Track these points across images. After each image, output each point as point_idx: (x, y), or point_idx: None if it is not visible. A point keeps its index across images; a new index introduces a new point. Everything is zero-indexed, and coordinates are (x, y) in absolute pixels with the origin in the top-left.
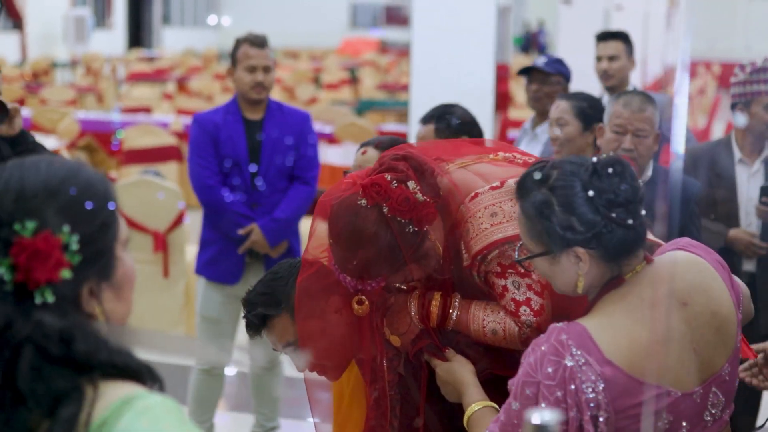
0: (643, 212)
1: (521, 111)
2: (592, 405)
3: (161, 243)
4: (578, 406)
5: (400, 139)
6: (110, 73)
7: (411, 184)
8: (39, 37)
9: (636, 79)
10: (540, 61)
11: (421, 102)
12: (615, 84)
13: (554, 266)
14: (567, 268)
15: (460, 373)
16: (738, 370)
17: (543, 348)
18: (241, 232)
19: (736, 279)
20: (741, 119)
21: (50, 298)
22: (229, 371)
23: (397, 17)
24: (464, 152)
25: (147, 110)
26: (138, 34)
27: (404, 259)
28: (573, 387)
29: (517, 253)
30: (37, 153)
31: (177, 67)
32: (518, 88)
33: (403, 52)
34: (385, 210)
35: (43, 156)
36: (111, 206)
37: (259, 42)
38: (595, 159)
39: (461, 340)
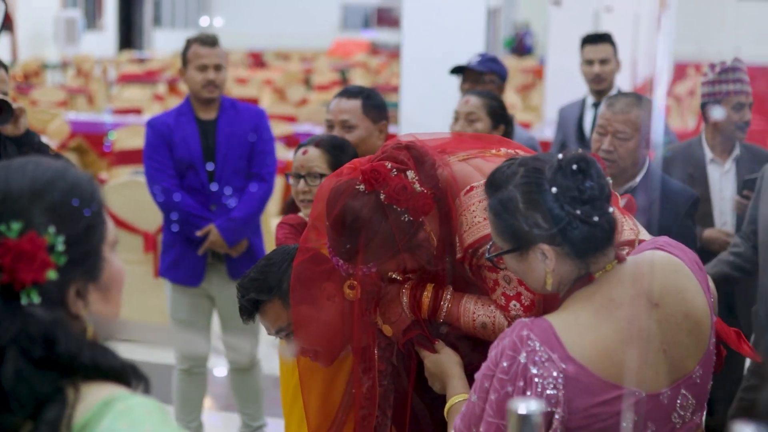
0: (611, 210)
1: (510, 111)
2: (553, 401)
3: (151, 243)
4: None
5: (339, 137)
6: (101, 74)
7: (410, 174)
8: (29, 39)
9: (626, 81)
10: (473, 59)
11: (411, 103)
12: (606, 87)
13: (522, 263)
14: (535, 265)
15: (447, 365)
16: (711, 374)
17: (504, 342)
18: (198, 233)
19: (710, 283)
20: (719, 113)
21: (36, 299)
22: (219, 372)
23: (388, 19)
24: (467, 146)
25: (138, 111)
26: (129, 36)
27: (398, 248)
28: (522, 384)
29: (487, 250)
30: (42, 153)
31: (168, 69)
32: (508, 89)
33: (394, 53)
34: (382, 197)
35: (31, 157)
36: (96, 207)
37: (209, 41)
38: (560, 156)
39: (451, 333)
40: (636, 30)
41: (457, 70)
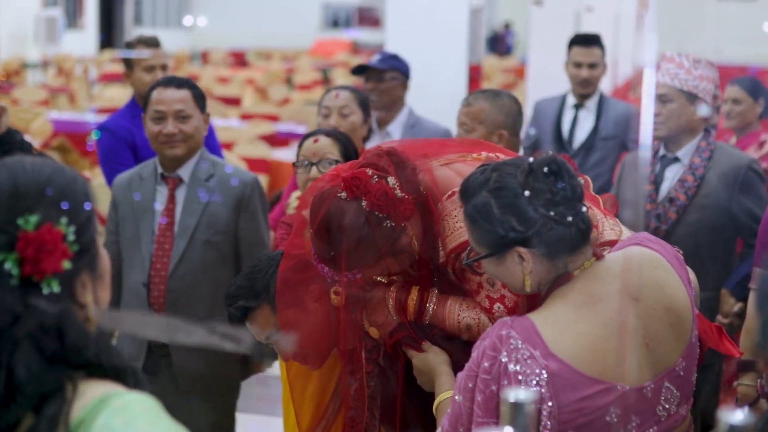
0: (584, 209)
1: None
2: (537, 398)
3: None
4: None
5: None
6: (82, 73)
7: (391, 180)
8: (10, 38)
9: (607, 81)
10: (374, 58)
11: None
12: (592, 91)
13: (500, 267)
14: (513, 268)
15: (435, 363)
16: (695, 366)
17: (485, 342)
18: None
19: (691, 277)
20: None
21: (56, 288)
22: None
23: (369, 18)
24: (449, 150)
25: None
26: (110, 35)
27: (381, 253)
28: (506, 382)
29: (465, 256)
30: (25, 152)
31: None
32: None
33: (375, 52)
34: (363, 204)
35: (21, 156)
36: (92, 200)
37: (154, 42)
38: (531, 159)
39: (437, 334)
40: (616, 29)
41: (358, 70)
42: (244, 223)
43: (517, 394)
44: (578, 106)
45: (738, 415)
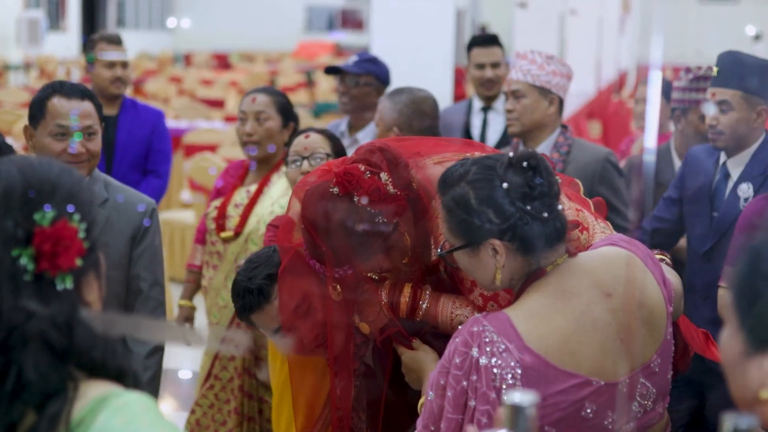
0: (560, 207)
1: None
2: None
3: None
4: (478, 398)
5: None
6: (65, 75)
7: (383, 176)
8: None
9: (590, 83)
10: (351, 60)
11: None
12: (497, 92)
13: (473, 259)
14: (485, 261)
15: (424, 362)
16: (670, 364)
17: (457, 339)
18: None
19: (670, 276)
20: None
21: (69, 284)
22: (183, 374)
23: (352, 21)
24: (442, 149)
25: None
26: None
27: (372, 249)
28: (475, 377)
29: (440, 248)
30: (5, 154)
31: (132, 70)
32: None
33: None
34: (356, 199)
35: (20, 155)
36: (94, 201)
37: (115, 39)
38: (511, 154)
39: (428, 331)
40: (600, 32)
41: (332, 71)
42: (139, 257)
43: (518, 397)
44: (486, 109)
45: (743, 419)
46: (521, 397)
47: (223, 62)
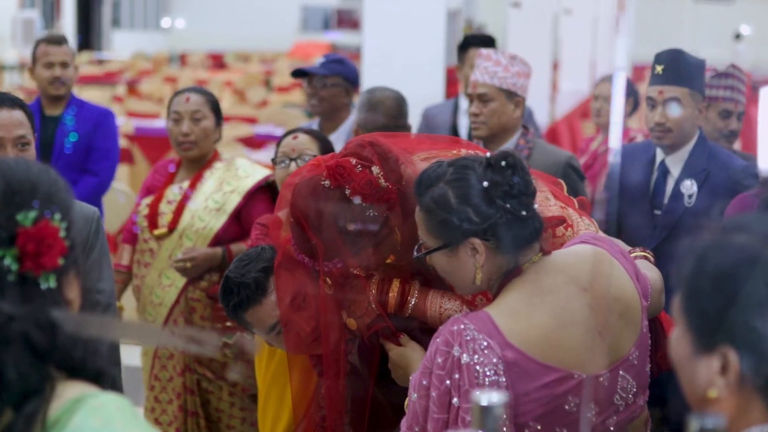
0: (536, 206)
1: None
2: (494, 388)
3: (112, 245)
4: (461, 396)
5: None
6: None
7: (375, 170)
8: None
9: (585, 83)
10: (317, 62)
11: None
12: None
13: (452, 260)
14: (464, 261)
15: (411, 358)
16: (647, 357)
17: (438, 339)
18: None
19: (647, 272)
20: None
21: (53, 284)
22: None
23: (348, 20)
24: (428, 146)
25: None
26: (87, 37)
27: (362, 243)
28: (457, 376)
29: (415, 251)
30: None
31: (127, 70)
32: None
33: (354, 55)
34: (347, 192)
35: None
36: (73, 201)
37: (56, 40)
38: (488, 154)
39: (416, 327)
40: (595, 32)
41: (298, 74)
42: (90, 269)
43: (487, 397)
44: None
45: (710, 419)
46: (490, 397)
47: (218, 62)
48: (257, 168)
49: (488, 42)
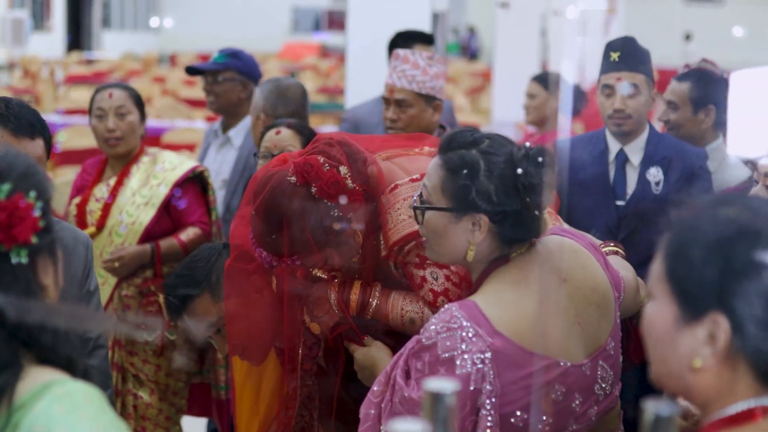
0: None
1: (459, 114)
2: (480, 375)
3: None
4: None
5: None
6: (48, 75)
7: (343, 170)
8: None
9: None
10: (212, 57)
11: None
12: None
13: (450, 225)
14: (461, 233)
15: (377, 357)
16: (620, 347)
17: (431, 329)
18: None
19: (622, 272)
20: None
21: (24, 259)
22: None
23: (338, 22)
24: (392, 145)
25: (85, 113)
26: (77, 37)
27: (324, 242)
28: (443, 370)
29: (417, 200)
30: None
31: (116, 70)
32: (456, 92)
33: (344, 56)
34: (313, 190)
35: None
36: (50, 188)
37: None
38: (528, 144)
39: (379, 328)
40: (583, 33)
41: (192, 72)
42: (86, 298)
43: (437, 384)
44: None
45: (665, 407)
46: (440, 384)
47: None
48: (184, 159)
49: (423, 38)
